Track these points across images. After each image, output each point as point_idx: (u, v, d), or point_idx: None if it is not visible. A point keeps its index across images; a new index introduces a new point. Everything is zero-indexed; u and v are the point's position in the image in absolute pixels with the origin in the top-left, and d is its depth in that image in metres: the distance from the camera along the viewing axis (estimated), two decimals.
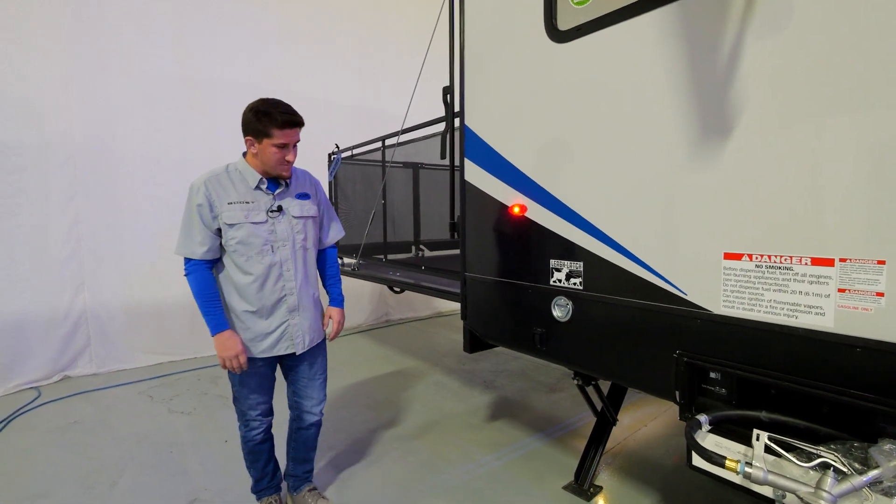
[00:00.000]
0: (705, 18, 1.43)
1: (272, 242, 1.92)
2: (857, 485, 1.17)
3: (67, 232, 4.25)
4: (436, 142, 3.93)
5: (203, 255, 1.87)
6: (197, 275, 1.89)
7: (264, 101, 1.84)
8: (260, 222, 1.89)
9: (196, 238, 1.86)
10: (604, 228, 1.76)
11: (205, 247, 1.86)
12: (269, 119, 1.80)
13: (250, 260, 1.89)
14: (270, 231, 1.91)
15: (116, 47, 4.38)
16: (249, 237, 1.87)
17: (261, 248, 1.89)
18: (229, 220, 1.85)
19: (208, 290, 1.89)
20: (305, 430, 2.21)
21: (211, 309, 1.88)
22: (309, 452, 2.28)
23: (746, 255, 1.38)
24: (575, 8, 1.83)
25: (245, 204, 1.88)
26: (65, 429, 3.26)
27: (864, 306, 1.18)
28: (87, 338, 4.39)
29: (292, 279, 1.97)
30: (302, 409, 2.18)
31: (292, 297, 1.98)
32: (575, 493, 2.43)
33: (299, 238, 1.99)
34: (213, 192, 1.85)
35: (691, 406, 1.57)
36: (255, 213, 1.89)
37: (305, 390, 2.15)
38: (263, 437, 2.12)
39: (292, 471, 2.31)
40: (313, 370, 2.15)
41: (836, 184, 1.20)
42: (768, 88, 1.32)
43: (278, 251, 1.93)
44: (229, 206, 1.86)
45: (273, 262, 1.92)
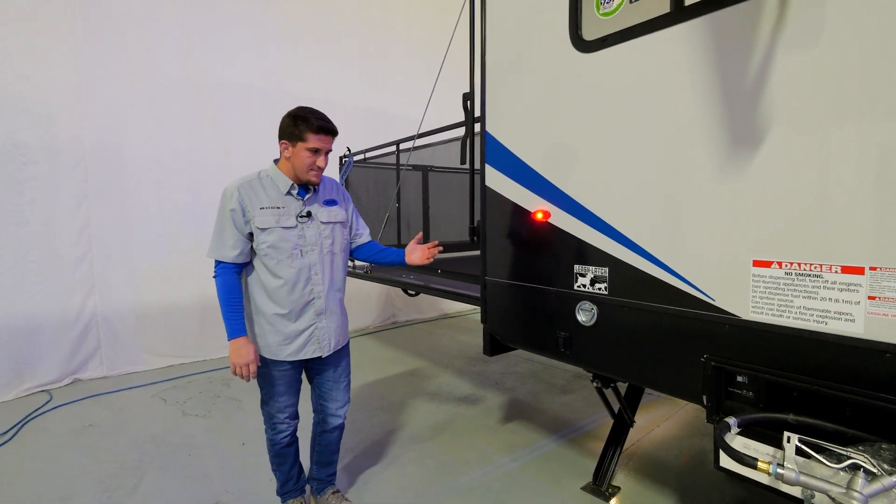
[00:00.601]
0: (734, 31, 1.48)
1: (301, 247, 1.96)
2: (887, 485, 1.21)
3: (78, 234, 4.26)
4: (449, 146, 3.98)
5: (234, 258, 1.91)
6: (225, 278, 1.93)
7: (301, 108, 1.93)
8: (290, 227, 1.94)
9: (228, 242, 1.91)
10: (630, 235, 1.80)
11: (236, 250, 1.91)
12: (305, 123, 1.88)
13: (280, 263, 1.94)
14: (300, 236, 1.96)
15: (125, 50, 4.40)
16: (280, 241, 1.92)
17: (290, 252, 1.94)
18: (261, 225, 1.90)
19: (233, 295, 1.94)
20: (329, 434, 2.25)
21: (232, 313, 1.92)
22: (332, 455, 2.31)
23: (776, 262, 1.42)
24: (600, 18, 1.87)
25: (276, 209, 1.93)
26: (80, 431, 3.28)
27: (893, 313, 1.22)
28: (98, 340, 4.40)
29: (320, 283, 2.02)
30: (326, 412, 2.21)
31: (320, 300, 2.02)
32: (594, 493, 2.47)
33: (327, 243, 2.04)
34: (245, 198, 1.90)
35: (718, 409, 1.61)
36: (286, 217, 1.94)
37: (330, 393, 2.19)
38: (290, 439, 2.16)
39: (316, 474, 2.34)
40: (338, 373, 2.19)
41: (865, 194, 1.25)
42: (797, 98, 1.36)
43: (307, 255, 1.98)
44: (261, 210, 1.90)
45: (302, 266, 1.97)
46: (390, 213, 3.74)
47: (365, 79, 6.09)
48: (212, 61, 4.89)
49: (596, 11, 1.88)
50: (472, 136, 2.62)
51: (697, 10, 1.56)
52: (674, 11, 1.62)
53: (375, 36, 6.20)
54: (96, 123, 4.29)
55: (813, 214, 1.34)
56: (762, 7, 1.40)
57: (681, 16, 1.60)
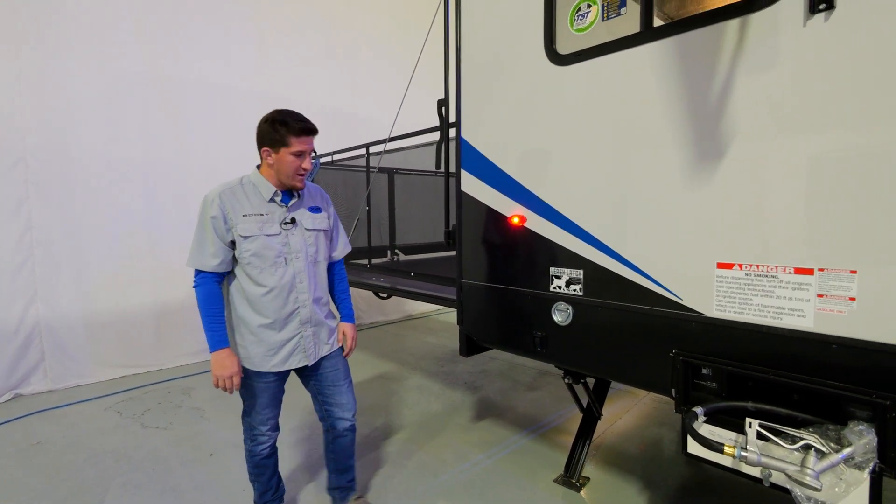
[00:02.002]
0: (699, 52, 1.61)
1: (286, 254, 1.92)
2: (834, 462, 1.37)
3: (18, 240, 3.96)
4: (420, 151, 4.02)
5: (215, 267, 1.87)
6: (205, 288, 1.89)
7: (279, 112, 1.87)
8: (274, 234, 1.90)
9: (209, 250, 1.86)
10: (604, 239, 1.91)
11: (217, 259, 1.86)
12: (286, 128, 1.82)
13: (264, 272, 1.89)
14: (284, 243, 1.92)
15: (72, 40, 4.13)
16: (263, 249, 1.88)
17: (274, 261, 1.90)
18: (244, 233, 1.85)
19: (214, 305, 1.89)
20: (342, 438, 2.19)
21: (213, 324, 1.88)
22: (349, 460, 2.26)
23: (737, 264, 1.57)
24: (574, 34, 1.97)
25: (259, 216, 1.88)
26: (28, 450, 3.06)
27: (839, 309, 1.38)
28: (41, 352, 4.11)
29: (305, 291, 1.98)
30: (334, 417, 2.16)
31: (305, 308, 1.99)
32: (566, 485, 2.59)
33: (311, 251, 2.00)
34: (227, 205, 1.85)
35: (686, 400, 1.75)
36: (269, 225, 1.90)
37: (334, 397, 2.14)
38: (270, 451, 2.12)
39: (336, 482, 2.29)
40: (337, 375, 2.14)
41: (815, 202, 1.40)
42: (754, 115, 1.50)
43: (291, 263, 1.94)
44: (244, 218, 1.86)
45: (286, 274, 1.93)
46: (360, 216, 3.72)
47: (331, 79, 6.01)
48: (169, 56, 4.67)
49: (570, 27, 1.98)
50: (446, 142, 2.68)
51: (665, 31, 1.69)
52: (643, 31, 1.74)
53: (342, 36, 6.14)
54: (38, 120, 4.00)
55: (769, 221, 1.49)
56: (724, 32, 1.54)
57: (650, 36, 1.72)
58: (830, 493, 1.38)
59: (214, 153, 4.99)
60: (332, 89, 6.00)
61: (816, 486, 1.35)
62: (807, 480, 1.36)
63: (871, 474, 1.34)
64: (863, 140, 1.32)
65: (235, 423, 3.40)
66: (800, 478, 1.38)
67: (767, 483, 1.49)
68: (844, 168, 1.35)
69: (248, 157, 5.26)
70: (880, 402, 1.33)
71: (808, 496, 1.39)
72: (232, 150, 5.10)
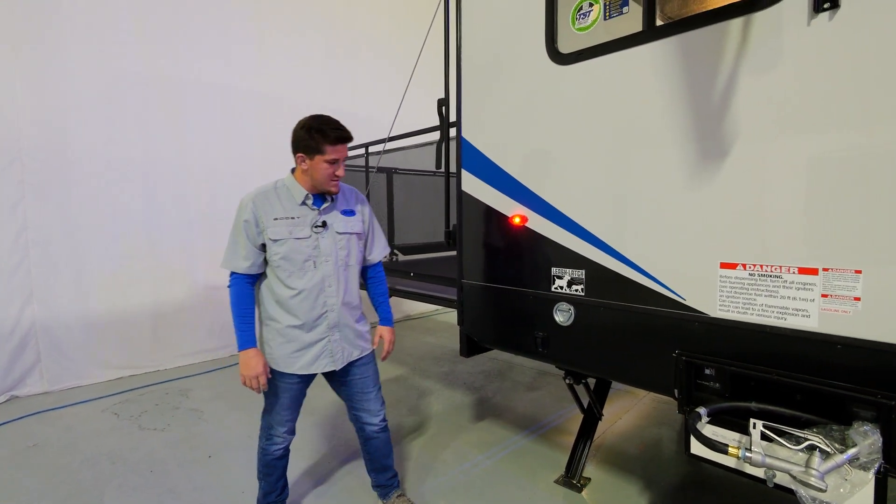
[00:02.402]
0: (702, 51, 1.60)
1: (315, 258, 1.93)
2: (839, 462, 1.36)
3: (14, 240, 3.92)
4: (420, 150, 4.01)
5: (246, 269, 1.90)
6: (237, 289, 1.92)
7: (315, 118, 1.88)
8: (303, 237, 1.91)
9: (240, 253, 1.90)
10: (606, 239, 1.90)
11: (248, 261, 1.90)
12: (321, 136, 1.84)
13: (293, 275, 1.91)
14: (314, 247, 1.93)
15: (70, 39, 4.09)
16: (292, 252, 1.89)
17: (303, 264, 1.91)
18: (274, 236, 1.87)
19: (245, 306, 1.93)
20: (373, 440, 2.22)
21: (243, 325, 1.91)
22: (385, 460, 2.28)
23: (741, 264, 1.56)
24: (576, 33, 1.96)
25: (290, 220, 1.90)
26: (24, 452, 3.03)
27: (843, 309, 1.38)
28: (37, 353, 4.07)
29: (334, 295, 1.98)
30: (363, 422, 2.19)
31: (333, 313, 1.98)
32: (567, 485, 2.58)
33: (342, 254, 2.00)
34: (260, 209, 1.88)
35: (689, 400, 1.74)
36: (300, 228, 1.91)
37: (362, 403, 2.16)
38: (282, 452, 2.12)
39: (377, 481, 2.33)
40: (366, 383, 2.15)
41: (818, 204, 1.40)
42: (758, 114, 1.50)
43: (321, 267, 1.94)
44: (275, 221, 1.88)
45: (315, 278, 1.93)
46: None
47: (331, 79, 5.98)
48: (169, 56, 4.64)
49: (572, 26, 1.97)
50: (447, 141, 2.66)
51: (668, 30, 1.68)
52: (646, 30, 1.73)
53: (342, 36, 6.11)
54: (35, 119, 3.96)
55: (773, 220, 1.48)
56: (727, 31, 1.53)
57: (652, 35, 1.71)
58: (835, 494, 1.37)
59: (214, 153, 4.96)
60: (331, 89, 5.97)
61: (821, 487, 1.34)
62: (811, 481, 1.35)
63: (876, 475, 1.33)
64: (867, 139, 1.31)
65: (233, 425, 3.39)
66: (804, 478, 1.37)
67: (771, 484, 1.49)
68: (848, 167, 1.34)
69: (247, 157, 5.30)
70: (885, 403, 1.32)
71: (812, 497, 1.38)
72: (232, 150, 5.08)
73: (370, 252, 2.19)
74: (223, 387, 4.18)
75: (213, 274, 5.03)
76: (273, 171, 5.33)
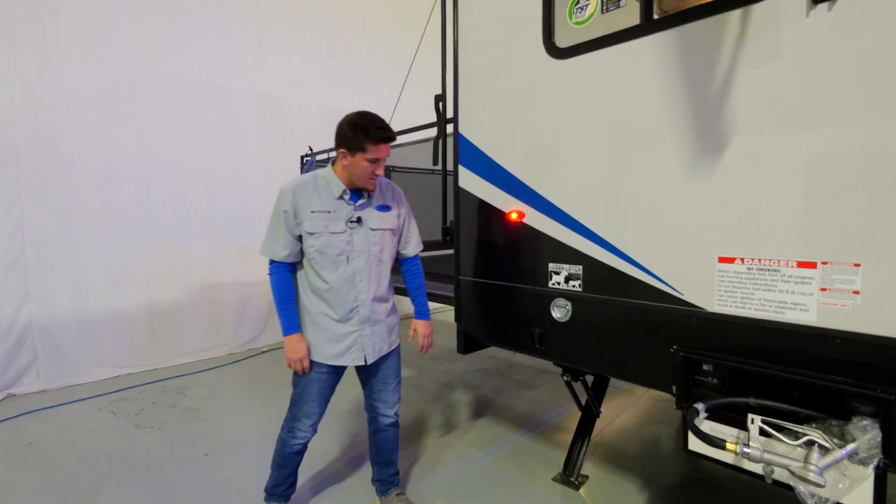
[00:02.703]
0: (700, 44, 1.59)
1: (347, 253, 1.95)
2: (838, 457, 1.35)
3: (10, 238, 3.91)
4: (416, 148, 3.99)
5: (284, 258, 1.95)
6: (277, 276, 1.98)
7: (361, 115, 1.89)
8: (338, 232, 1.93)
9: (279, 241, 1.94)
10: (604, 234, 1.89)
11: (286, 251, 1.94)
12: (365, 134, 1.83)
13: (325, 268, 1.94)
14: (347, 241, 1.95)
15: (65, 37, 4.08)
16: (326, 246, 1.92)
17: (335, 258, 1.94)
18: (310, 229, 1.91)
19: (286, 293, 1.98)
20: (383, 432, 2.25)
21: (285, 311, 1.97)
22: (391, 455, 2.30)
23: (739, 258, 1.55)
24: (573, 27, 1.95)
25: (326, 213, 1.92)
26: (20, 451, 3.02)
27: (842, 303, 1.37)
28: (34, 352, 4.06)
29: (365, 290, 2.00)
30: (377, 412, 2.23)
31: (364, 308, 2.00)
32: (564, 483, 2.57)
33: (375, 250, 2.01)
34: (298, 200, 1.91)
35: (687, 396, 1.73)
36: (335, 222, 1.93)
37: (379, 394, 2.20)
38: (301, 447, 2.14)
39: (378, 475, 2.34)
40: (388, 374, 2.19)
41: (817, 197, 1.39)
42: (756, 111, 1.48)
43: (353, 261, 1.96)
44: (311, 214, 1.91)
45: (346, 272, 1.96)
46: None
47: (330, 79, 5.97)
48: (166, 55, 4.63)
49: (569, 20, 1.96)
50: (444, 138, 2.65)
51: (666, 23, 1.67)
52: (643, 24, 1.72)
53: (341, 35, 6.10)
54: (31, 116, 3.95)
55: (771, 214, 1.47)
56: (725, 23, 1.52)
57: (650, 28, 1.70)
58: (834, 490, 1.36)
59: (212, 153, 4.95)
60: (331, 89, 5.95)
61: (820, 483, 1.33)
62: (810, 477, 1.34)
63: (875, 470, 1.32)
64: (866, 133, 1.30)
65: (230, 423, 3.37)
66: (803, 474, 1.36)
67: (770, 480, 1.47)
68: (847, 161, 1.33)
69: (246, 157, 5.28)
70: (885, 397, 1.31)
71: (811, 493, 1.37)
72: (230, 150, 5.07)
73: (405, 246, 2.20)
74: (220, 385, 4.17)
75: (210, 273, 5.02)
76: (272, 170, 5.40)
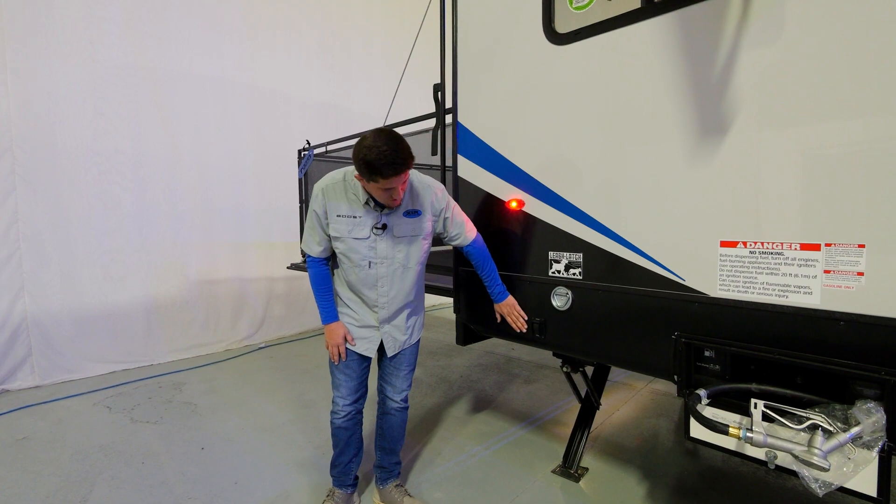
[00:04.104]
0: (702, 27, 1.57)
1: (371, 259, 1.96)
2: (842, 441, 1.33)
3: (4, 232, 3.88)
4: (414, 139, 3.96)
5: (319, 253, 2.01)
6: (314, 269, 2.05)
7: (372, 148, 1.68)
8: (362, 238, 1.93)
9: (315, 238, 2.00)
10: (604, 221, 1.87)
11: (320, 247, 2.00)
12: (376, 172, 1.70)
13: (349, 270, 1.99)
14: (371, 248, 1.95)
15: (58, 28, 4.04)
16: (349, 251, 1.94)
17: (358, 263, 1.96)
18: (334, 233, 1.94)
19: (323, 285, 2.05)
20: (390, 416, 2.26)
21: (323, 301, 2.04)
22: (395, 443, 2.29)
23: (741, 242, 1.53)
24: (573, 12, 1.93)
25: (352, 219, 1.92)
26: (13, 446, 2.98)
27: (846, 285, 1.35)
28: (28, 347, 4.02)
29: (386, 295, 2.02)
30: (385, 395, 2.26)
31: (384, 311, 2.04)
32: (564, 475, 2.55)
33: (399, 257, 2.00)
34: (328, 202, 1.92)
35: (688, 383, 1.71)
36: (360, 228, 1.92)
37: (390, 378, 2.23)
38: (342, 423, 2.15)
39: (380, 461, 2.34)
40: (401, 362, 2.20)
41: (820, 177, 1.37)
42: (758, 93, 1.47)
43: (375, 268, 1.97)
44: (337, 218, 1.92)
45: (369, 276, 1.98)
46: None
47: (325, 72, 5.95)
48: (159, 47, 4.60)
49: (569, 5, 1.94)
50: (443, 127, 2.63)
51: (667, 6, 1.65)
52: (644, 7, 1.71)
53: (336, 29, 6.08)
54: (25, 109, 3.92)
55: (775, 196, 1.46)
56: (728, 3, 1.50)
57: (652, 11, 1.69)
58: (838, 474, 1.34)
59: (206, 147, 4.92)
60: (325, 83, 5.94)
61: (824, 466, 1.31)
62: (814, 460, 1.32)
63: (879, 453, 1.31)
64: (869, 113, 1.28)
65: (227, 418, 3.34)
66: (807, 458, 1.34)
67: (773, 465, 1.46)
68: (851, 140, 1.32)
69: (240, 151, 5.25)
70: (889, 380, 1.29)
71: (815, 477, 1.35)
72: (224, 144, 5.04)
73: (454, 239, 2.15)
74: (217, 381, 4.14)
75: (206, 268, 4.99)
76: (265, 165, 5.37)
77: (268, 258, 5.47)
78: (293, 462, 2.72)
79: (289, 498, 2.38)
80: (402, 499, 2.26)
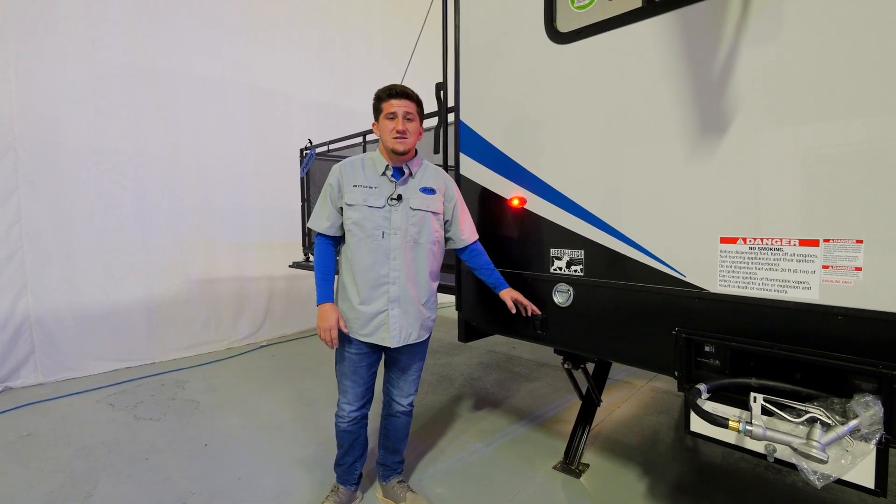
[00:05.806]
0: (701, 27, 1.59)
1: (384, 228, 1.97)
2: (841, 433, 1.36)
3: (6, 231, 3.89)
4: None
5: (325, 229, 2.03)
6: (320, 248, 2.06)
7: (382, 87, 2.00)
8: (377, 207, 1.96)
9: (323, 213, 2.03)
10: (605, 218, 1.89)
11: (328, 222, 2.02)
12: (378, 98, 1.98)
13: (361, 242, 1.98)
14: (385, 217, 1.97)
15: (60, 28, 4.05)
16: (364, 220, 1.96)
17: (371, 232, 1.97)
18: (349, 201, 1.97)
19: (325, 264, 2.04)
20: (394, 418, 2.26)
21: (321, 281, 2.02)
22: (398, 443, 2.30)
23: (741, 238, 1.55)
24: (575, 11, 1.95)
25: (368, 188, 1.98)
26: (17, 443, 3.00)
27: (845, 280, 1.37)
28: (31, 345, 4.04)
29: (398, 269, 1.99)
30: (391, 397, 2.25)
31: (395, 286, 1.99)
32: (565, 471, 2.57)
33: (413, 230, 2.00)
34: (343, 175, 2.00)
35: (689, 378, 1.73)
36: (375, 198, 1.97)
37: (397, 381, 2.22)
38: (347, 426, 2.14)
39: (383, 459, 2.35)
40: (409, 363, 2.19)
41: (819, 174, 1.39)
42: (758, 91, 1.49)
43: (388, 238, 1.98)
44: (353, 188, 1.98)
45: (381, 249, 1.98)
46: None
47: (325, 72, 5.96)
48: (159, 47, 4.61)
49: (570, 4, 1.96)
50: (445, 126, 2.65)
51: (667, 5, 1.67)
52: (645, 6, 1.73)
53: (336, 28, 6.09)
54: (28, 108, 3.93)
55: (774, 192, 1.48)
56: (729, 2, 1.52)
57: (652, 10, 1.70)
58: (836, 466, 1.36)
59: (206, 146, 4.94)
60: (326, 83, 5.95)
61: (822, 459, 1.33)
62: (813, 453, 1.34)
63: (877, 445, 1.33)
64: (868, 109, 1.30)
65: (230, 415, 3.36)
66: (806, 450, 1.36)
67: (772, 458, 1.47)
68: (849, 137, 1.34)
69: (240, 150, 5.26)
70: (887, 373, 1.31)
71: (813, 469, 1.37)
72: (224, 143, 5.05)
73: (454, 234, 2.17)
74: (219, 379, 4.16)
75: (207, 267, 5.00)
76: (266, 164, 5.38)
77: (268, 257, 5.49)
78: (295, 459, 2.74)
79: (291, 494, 2.40)
80: (405, 494, 2.28)
